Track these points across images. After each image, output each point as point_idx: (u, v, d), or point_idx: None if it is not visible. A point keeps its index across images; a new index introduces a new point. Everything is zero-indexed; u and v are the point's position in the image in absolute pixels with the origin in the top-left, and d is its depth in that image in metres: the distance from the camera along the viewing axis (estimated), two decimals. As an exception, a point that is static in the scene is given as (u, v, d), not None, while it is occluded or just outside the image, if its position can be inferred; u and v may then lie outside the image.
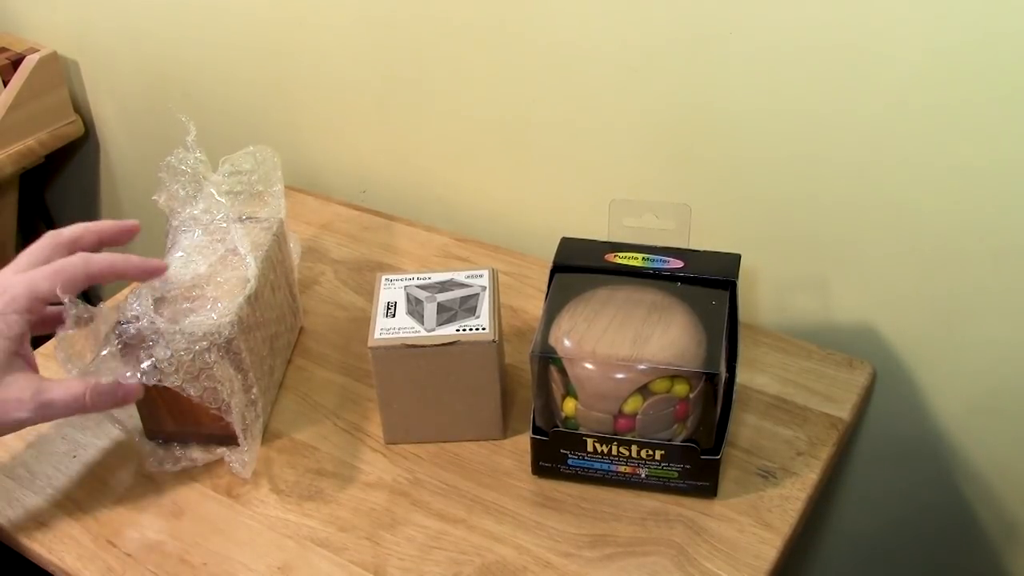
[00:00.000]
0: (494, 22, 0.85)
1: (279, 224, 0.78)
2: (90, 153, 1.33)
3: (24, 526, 0.69)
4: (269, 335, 0.75)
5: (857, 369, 0.78)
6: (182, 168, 0.74)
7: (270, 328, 0.75)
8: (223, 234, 0.74)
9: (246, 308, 0.69)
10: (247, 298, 0.69)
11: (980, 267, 0.73)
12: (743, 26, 0.72)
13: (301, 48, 1.00)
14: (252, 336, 0.70)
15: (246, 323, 0.69)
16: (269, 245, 0.75)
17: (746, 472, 0.70)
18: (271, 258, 0.75)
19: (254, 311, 0.71)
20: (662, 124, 0.81)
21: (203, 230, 0.75)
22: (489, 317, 0.69)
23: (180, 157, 0.74)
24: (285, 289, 0.80)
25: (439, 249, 0.95)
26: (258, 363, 0.72)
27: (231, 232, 0.74)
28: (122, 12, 1.13)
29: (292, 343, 0.83)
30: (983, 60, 0.65)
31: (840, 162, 0.74)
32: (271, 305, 0.75)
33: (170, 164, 0.74)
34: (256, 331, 0.71)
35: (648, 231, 0.71)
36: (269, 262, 0.75)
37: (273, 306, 0.76)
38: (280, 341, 0.79)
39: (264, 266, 0.73)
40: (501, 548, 0.66)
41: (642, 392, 0.64)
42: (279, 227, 0.78)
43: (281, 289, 0.79)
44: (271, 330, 0.75)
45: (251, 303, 0.70)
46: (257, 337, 0.72)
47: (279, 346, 0.78)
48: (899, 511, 0.90)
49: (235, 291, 0.70)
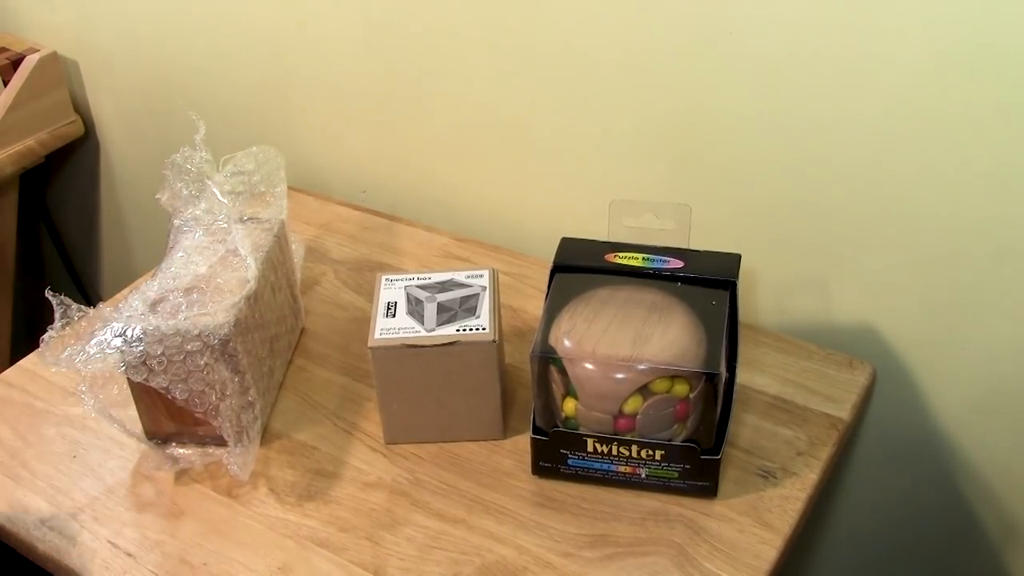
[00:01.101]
0: (494, 23, 0.85)
1: (280, 225, 0.78)
2: (90, 153, 1.33)
3: (24, 526, 0.69)
4: (269, 336, 0.75)
5: (857, 369, 0.78)
6: (187, 167, 0.74)
7: (270, 329, 0.75)
8: (224, 235, 0.74)
9: (245, 309, 0.69)
10: (246, 299, 0.69)
11: (980, 267, 0.73)
12: (743, 27, 0.72)
13: (301, 49, 1.00)
14: (250, 338, 0.70)
15: (244, 324, 0.69)
16: (270, 246, 0.75)
17: (746, 472, 0.70)
18: (272, 259, 0.75)
19: (253, 312, 0.71)
20: (662, 125, 0.81)
21: (204, 230, 0.75)
22: (489, 317, 0.69)
23: (186, 155, 0.74)
24: (286, 290, 0.80)
25: (439, 249, 0.95)
26: (256, 365, 0.72)
27: (232, 233, 0.74)
28: (122, 13, 1.13)
29: (293, 344, 0.83)
30: (983, 62, 0.65)
31: (840, 163, 0.74)
32: (271, 306, 0.75)
33: (175, 162, 0.74)
34: (255, 332, 0.71)
35: (648, 231, 0.71)
36: (270, 263, 0.75)
37: (273, 307, 0.76)
38: (280, 342, 0.79)
39: (264, 267, 0.73)
40: (501, 548, 0.66)
41: (642, 392, 0.64)
42: (280, 228, 0.78)
43: (282, 290, 0.79)
44: (271, 331, 0.75)
45: (250, 304, 0.70)
46: (255, 339, 0.72)
47: (279, 347, 0.78)
48: (899, 511, 0.90)
49: (234, 292, 0.69)
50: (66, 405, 0.78)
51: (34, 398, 0.79)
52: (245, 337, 0.69)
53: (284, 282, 0.79)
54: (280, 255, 0.78)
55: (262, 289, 0.73)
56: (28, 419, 0.77)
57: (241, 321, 0.68)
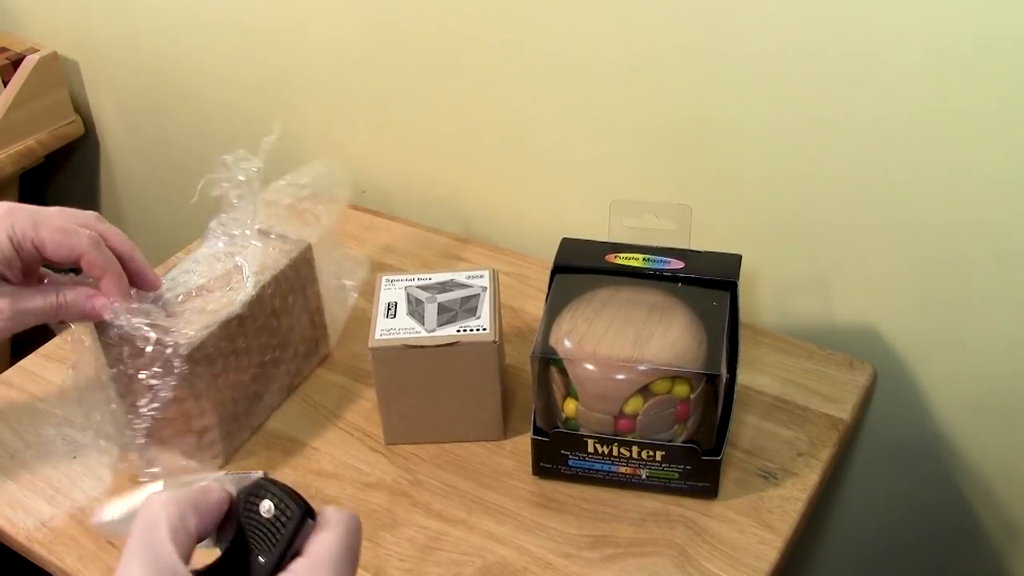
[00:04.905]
0: (494, 23, 0.85)
1: (304, 248, 0.74)
2: (90, 153, 1.33)
3: (24, 527, 0.69)
4: (259, 362, 0.72)
5: (857, 369, 0.78)
6: (240, 166, 0.71)
7: (264, 354, 0.72)
8: (243, 247, 0.71)
9: (217, 333, 0.66)
10: (223, 323, 0.66)
11: (980, 268, 0.73)
12: (743, 27, 0.72)
13: (301, 48, 1.00)
14: (224, 362, 0.67)
15: (213, 348, 0.66)
16: (282, 268, 0.72)
17: (747, 473, 0.70)
18: (282, 282, 0.72)
19: (233, 338, 0.68)
20: (663, 125, 0.81)
21: (228, 240, 0.72)
22: (489, 317, 0.69)
23: (239, 156, 0.71)
24: (302, 316, 0.76)
25: (439, 250, 0.95)
26: (225, 390, 0.69)
27: (248, 248, 0.71)
28: (122, 12, 1.13)
29: (305, 371, 0.79)
30: (983, 61, 0.65)
31: (841, 163, 0.74)
32: (272, 331, 0.72)
33: (225, 162, 0.71)
34: (233, 358, 0.69)
35: (648, 232, 0.71)
36: (278, 286, 0.71)
37: (275, 333, 0.73)
38: (281, 368, 0.75)
39: (266, 290, 0.70)
40: (502, 549, 0.66)
41: (643, 393, 0.64)
42: (304, 251, 0.74)
43: (293, 316, 0.74)
44: (265, 356, 0.72)
45: (229, 328, 0.67)
46: (234, 363, 0.69)
47: (277, 373, 0.75)
48: (899, 511, 0.90)
49: (215, 312, 0.67)
50: (66, 406, 0.78)
51: (34, 398, 0.79)
52: (211, 363, 0.66)
53: (301, 307, 0.75)
54: (298, 279, 0.74)
55: (256, 313, 0.69)
56: (28, 419, 0.77)
57: (208, 344, 0.65)
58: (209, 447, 0.70)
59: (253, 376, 0.72)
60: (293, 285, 0.74)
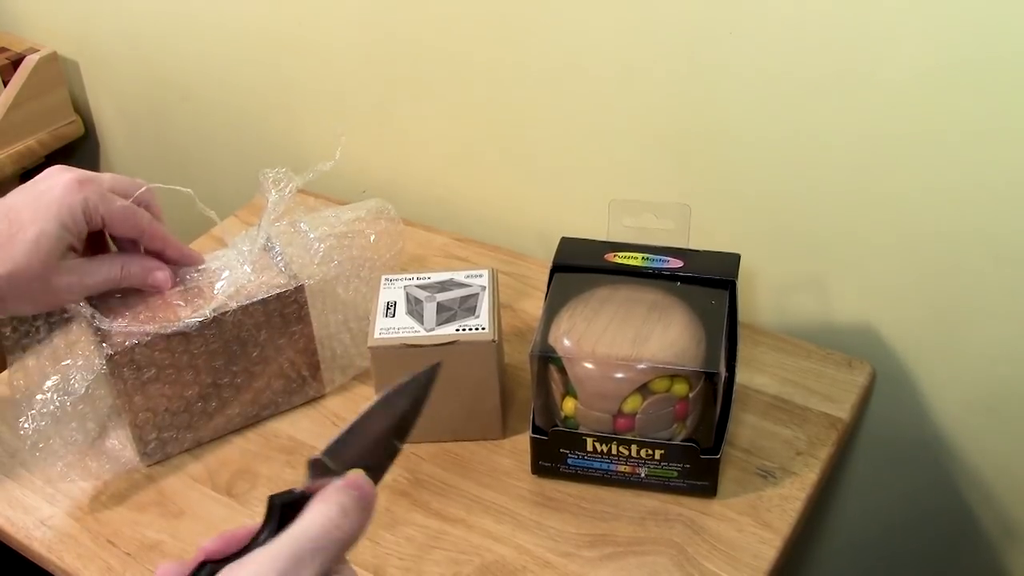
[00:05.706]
0: (494, 22, 0.85)
1: (296, 291, 0.71)
2: (90, 153, 1.33)
3: (24, 526, 0.69)
4: (211, 382, 0.71)
5: (856, 369, 0.78)
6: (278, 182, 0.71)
7: (218, 376, 0.71)
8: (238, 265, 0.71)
9: (160, 344, 0.67)
10: (158, 335, 0.67)
11: (980, 268, 0.73)
12: (742, 26, 0.72)
13: (300, 48, 1.00)
14: (159, 372, 0.68)
15: (142, 357, 0.67)
16: (253, 302, 0.69)
17: (746, 472, 0.70)
18: (254, 314, 0.70)
19: (174, 352, 0.68)
20: (662, 124, 0.81)
21: (235, 255, 0.72)
22: (489, 317, 0.69)
23: (281, 173, 0.72)
24: (286, 352, 0.74)
25: (439, 249, 0.95)
26: (158, 398, 0.69)
27: (235, 271, 0.71)
28: (122, 13, 1.13)
29: (282, 406, 0.76)
30: (983, 61, 0.65)
31: (840, 162, 0.74)
32: (230, 355, 0.71)
33: (266, 175, 0.72)
34: (174, 370, 0.69)
35: (648, 231, 0.71)
36: (245, 316, 0.69)
37: (235, 358, 0.71)
38: (245, 395, 0.73)
39: (229, 317, 0.69)
40: (500, 548, 0.66)
41: (642, 391, 0.64)
42: (292, 292, 0.71)
43: (268, 349, 0.72)
44: (221, 379, 0.71)
45: (170, 344, 0.68)
46: (173, 376, 0.69)
47: (240, 399, 0.73)
48: (898, 511, 0.90)
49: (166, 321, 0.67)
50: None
51: (34, 398, 0.79)
52: (138, 371, 0.67)
53: (279, 344, 0.73)
54: (279, 317, 0.71)
55: (211, 337, 0.69)
56: (28, 419, 0.77)
57: (139, 354, 0.66)
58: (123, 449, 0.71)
59: (200, 394, 0.71)
60: (271, 321, 0.71)
